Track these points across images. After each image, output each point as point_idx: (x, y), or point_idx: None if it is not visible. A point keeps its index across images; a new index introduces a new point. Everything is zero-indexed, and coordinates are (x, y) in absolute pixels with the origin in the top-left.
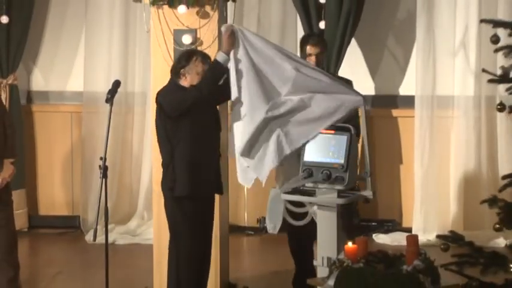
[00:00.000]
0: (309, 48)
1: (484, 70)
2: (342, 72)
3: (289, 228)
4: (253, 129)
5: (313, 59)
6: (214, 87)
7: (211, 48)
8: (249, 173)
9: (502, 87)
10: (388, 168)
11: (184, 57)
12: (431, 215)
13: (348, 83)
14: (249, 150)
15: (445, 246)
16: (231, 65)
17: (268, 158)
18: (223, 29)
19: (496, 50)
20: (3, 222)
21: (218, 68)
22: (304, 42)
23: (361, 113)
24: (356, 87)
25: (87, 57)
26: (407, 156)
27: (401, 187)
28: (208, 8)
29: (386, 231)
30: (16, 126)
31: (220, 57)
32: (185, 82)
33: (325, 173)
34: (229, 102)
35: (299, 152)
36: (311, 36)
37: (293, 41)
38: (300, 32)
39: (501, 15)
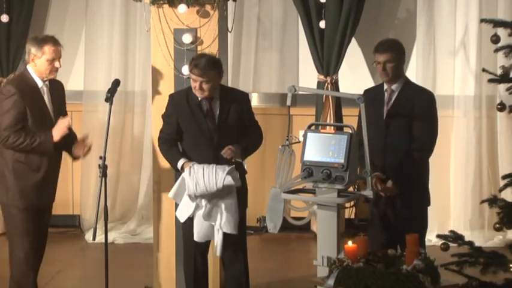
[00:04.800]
0: (376, 56)
1: (484, 70)
2: (342, 72)
3: None
4: None
5: (379, 67)
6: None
7: (211, 48)
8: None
9: (502, 87)
10: None
11: None
12: (431, 214)
13: None
14: None
15: (445, 246)
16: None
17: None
18: None
19: (496, 50)
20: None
21: None
22: (374, 48)
23: (361, 111)
24: (356, 87)
25: (87, 56)
26: None
27: None
28: (208, 7)
29: None
30: None
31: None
32: None
33: (325, 173)
34: None
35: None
36: (380, 43)
37: (294, 40)
38: (301, 32)
39: (501, 15)
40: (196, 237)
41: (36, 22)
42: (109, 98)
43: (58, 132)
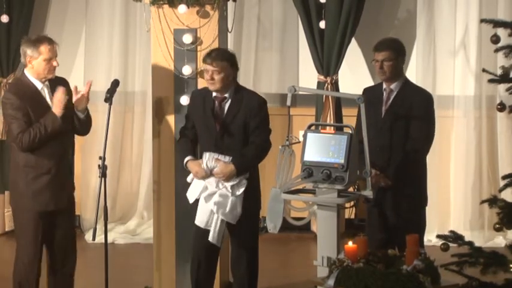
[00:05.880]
0: (375, 55)
1: (484, 70)
2: (342, 72)
3: None
4: None
5: (377, 65)
6: None
7: (211, 48)
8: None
9: (502, 87)
10: None
11: None
12: (431, 214)
13: None
14: None
15: (445, 246)
16: None
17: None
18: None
19: (496, 50)
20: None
21: None
22: (374, 47)
23: (362, 112)
24: (356, 87)
25: (87, 56)
26: None
27: None
28: (208, 8)
29: None
30: None
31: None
32: None
33: (325, 173)
34: None
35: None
36: (380, 41)
37: (294, 40)
38: (301, 32)
39: (501, 15)
40: (196, 220)
41: (36, 22)
42: (108, 98)
43: (56, 106)
